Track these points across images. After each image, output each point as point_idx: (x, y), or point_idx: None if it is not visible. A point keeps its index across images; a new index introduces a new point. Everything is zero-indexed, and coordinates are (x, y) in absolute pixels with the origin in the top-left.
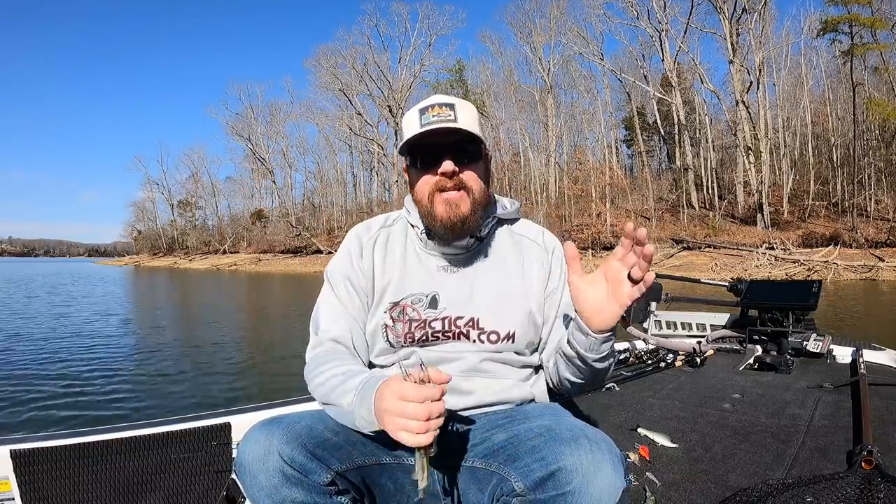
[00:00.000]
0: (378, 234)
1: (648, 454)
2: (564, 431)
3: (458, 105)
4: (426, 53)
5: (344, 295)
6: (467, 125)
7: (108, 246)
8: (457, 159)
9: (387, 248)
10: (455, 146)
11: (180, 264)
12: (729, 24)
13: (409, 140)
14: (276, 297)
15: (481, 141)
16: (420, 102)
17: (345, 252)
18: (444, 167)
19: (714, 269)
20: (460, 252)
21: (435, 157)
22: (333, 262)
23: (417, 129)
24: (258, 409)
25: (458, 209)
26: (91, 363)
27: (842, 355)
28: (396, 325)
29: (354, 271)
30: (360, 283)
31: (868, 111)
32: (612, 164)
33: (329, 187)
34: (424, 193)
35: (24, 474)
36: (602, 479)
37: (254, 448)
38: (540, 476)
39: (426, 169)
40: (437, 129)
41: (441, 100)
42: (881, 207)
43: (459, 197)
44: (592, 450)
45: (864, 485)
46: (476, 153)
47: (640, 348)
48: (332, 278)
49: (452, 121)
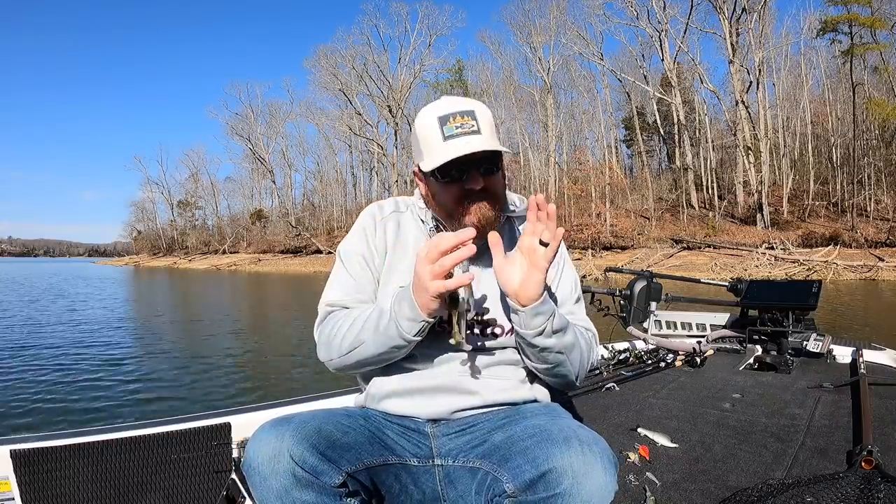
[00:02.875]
0: (390, 216)
1: (648, 454)
2: (556, 432)
3: (478, 112)
4: (426, 53)
5: (357, 271)
6: (493, 140)
7: (107, 246)
8: (483, 168)
9: (399, 230)
10: (480, 160)
11: (180, 264)
12: (728, 24)
13: (437, 164)
14: (276, 297)
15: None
16: (435, 106)
17: (359, 230)
18: (473, 184)
19: (714, 269)
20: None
21: (460, 172)
22: (347, 240)
23: (440, 141)
24: (259, 408)
25: (487, 215)
26: (91, 363)
27: (842, 355)
28: None
29: (368, 248)
30: (374, 260)
31: (868, 111)
32: (611, 164)
33: (329, 187)
34: (450, 202)
35: (24, 474)
36: (592, 481)
37: (264, 449)
38: (530, 477)
39: (451, 181)
40: (468, 154)
41: (459, 107)
42: (881, 207)
43: (488, 206)
44: (584, 451)
45: (864, 485)
46: (499, 162)
47: (639, 348)
48: (345, 256)
49: (476, 132)
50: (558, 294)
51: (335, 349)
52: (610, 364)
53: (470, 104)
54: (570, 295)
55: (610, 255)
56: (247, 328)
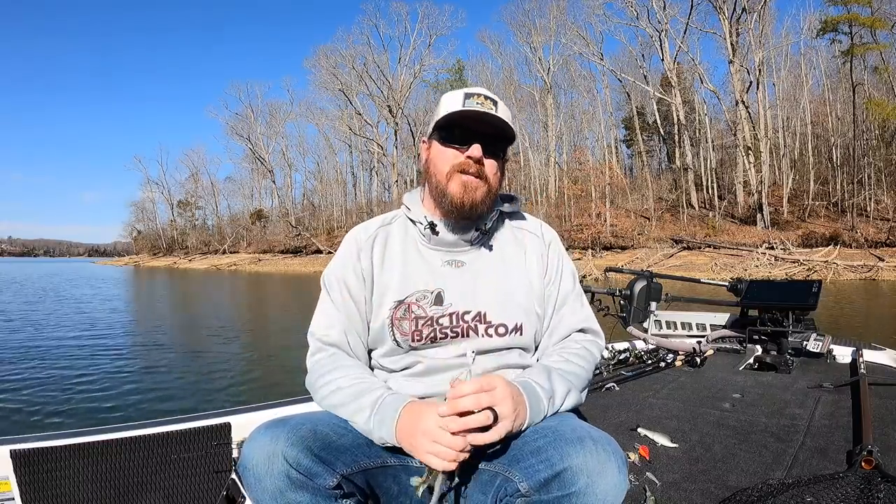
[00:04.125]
0: (377, 233)
1: (648, 454)
2: (569, 432)
3: (501, 105)
4: (426, 53)
5: (340, 299)
6: (506, 120)
7: (107, 246)
8: (485, 149)
9: (386, 246)
10: (486, 137)
11: (180, 264)
12: (728, 24)
13: (450, 114)
14: (277, 297)
15: (510, 141)
16: (465, 88)
17: (341, 256)
18: (472, 151)
19: (714, 268)
20: (465, 246)
21: (466, 139)
22: (330, 266)
23: (458, 106)
24: (258, 408)
25: (473, 193)
26: (91, 363)
27: (842, 355)
28: (403, 323)
29: (351, 274)
30: (358, 286)
31: (868, 111)
32: (611, 164)
33: (329, 187)
34: (444, 170)
35: (24, 474)
36: (607, 479)
37: (258, 451)
38: (545, 477)
39: (454, 147)
40: (481, 111)
41: (487, 92)
42: (881, 207)
43: (477, 184)
44: (598, 451)
45: (864, 485)
46: (503, 149)
47: (640, 348)
48: (329, 283)
49: (494, 112)
50: (561, 288)
51: (322, 404)
52: (610, 364)
53: (496, 97)
54: (569, 293)
55: (610, 255)
56: (247, 328)
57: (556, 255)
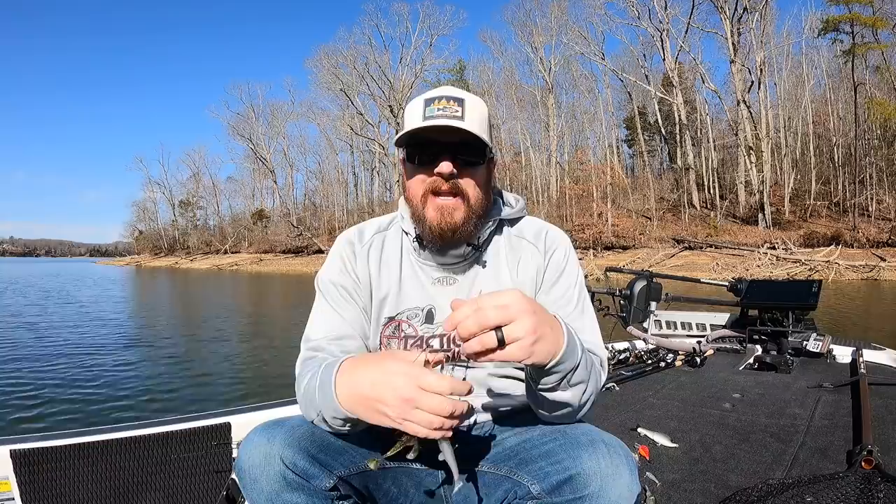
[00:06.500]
0: (372, 240)
1: (648, 454)
2: (580, 436)
3: (469, 102)
4: (427, 53)
5: (336, 302)
6: (473, 126)
7: (109, 246)
8: (457, 161)
9: (382, 256)
10: (457, 147)
11: (181, 264)
12: (730, 23)
13: (407, 133)
14: (278, 297)
15: (486, 145)
16: (428, 91)
17: (336, 258)
18: (440, 168)
19: (715, 268)
20: (457, 262)
21: (433, 155)
22: (324, 270)
23: (419, 121)
24: (258, 409)
25: (450, 217)
26: (91, 363)
27: (842, 355)
28: (391, 342)
29: (347, 277)
30: (356, 289)
31: (869, 111)
32: (613, 164)
33: (330, 187)
34: (418, 193)
35: (24, 474)
36: (620, 483)
37: (254, 452)
38: (557, 480)
39: (422, 167)
40: (439, 125)
41: (450, 93)
42: (883, 207)
43: (454, 204)
44: (610, 454)
45: (864, 484)
46: (478, 157)
47: (640, 348)
48: (323, 286)
49: (459, 118)
50: (556, 296)
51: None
52: (610, 364)
53: (462, 94)
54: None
55: (611, 255)
56: (248, 328)
57: (556, 266)
